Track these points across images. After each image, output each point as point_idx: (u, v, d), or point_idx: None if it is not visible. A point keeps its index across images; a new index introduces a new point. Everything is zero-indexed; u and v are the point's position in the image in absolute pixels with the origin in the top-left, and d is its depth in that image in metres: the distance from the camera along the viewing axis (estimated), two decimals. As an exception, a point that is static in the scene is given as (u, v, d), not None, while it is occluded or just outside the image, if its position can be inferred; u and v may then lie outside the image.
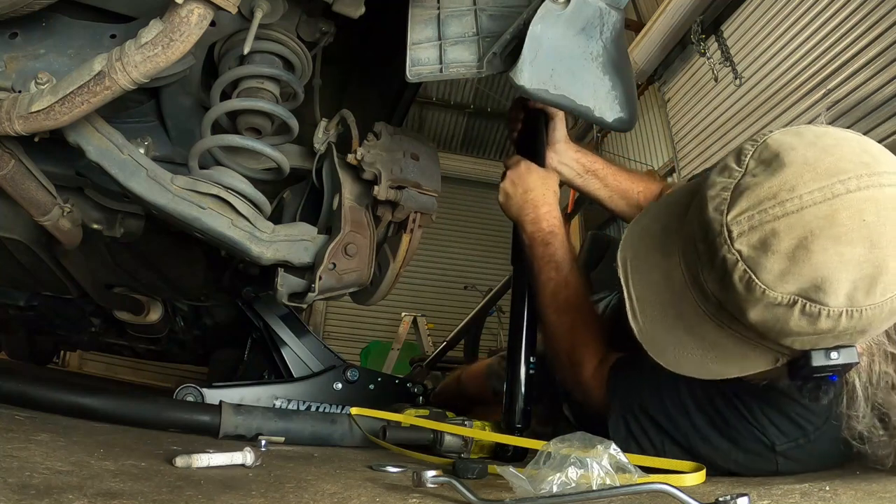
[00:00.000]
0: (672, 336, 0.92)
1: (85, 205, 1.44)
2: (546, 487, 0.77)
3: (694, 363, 0.91)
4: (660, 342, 0.93)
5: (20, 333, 3.17)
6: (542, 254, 1.36)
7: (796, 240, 0.77)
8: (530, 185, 1.42)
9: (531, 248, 1.39)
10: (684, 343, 0.91)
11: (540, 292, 1.35)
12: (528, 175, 1.44)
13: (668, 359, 0.93)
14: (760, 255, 0.79)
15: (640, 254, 0.98)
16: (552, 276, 1.34)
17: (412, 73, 1.12)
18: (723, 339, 0.88)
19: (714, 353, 0.89)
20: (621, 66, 1.11)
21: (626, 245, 1.00)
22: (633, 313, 0.94)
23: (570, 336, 1.29)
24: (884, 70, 3.68)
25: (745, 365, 0.88)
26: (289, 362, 1.90)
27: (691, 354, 0.90)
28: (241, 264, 1.96)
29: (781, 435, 1.01)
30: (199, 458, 0.91)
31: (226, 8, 0.88)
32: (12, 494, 0.62)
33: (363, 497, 0.81)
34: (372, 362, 5.78)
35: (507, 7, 1.14)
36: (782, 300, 0.78)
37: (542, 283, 1.35)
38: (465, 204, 8.33)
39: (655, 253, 0.97)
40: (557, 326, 1.32)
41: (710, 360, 0.90)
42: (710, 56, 5.38)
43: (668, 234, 0.97)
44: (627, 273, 0.97)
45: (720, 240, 0.82)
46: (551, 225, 1.39)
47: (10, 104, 0.95)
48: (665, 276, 0.94)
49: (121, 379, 5.08)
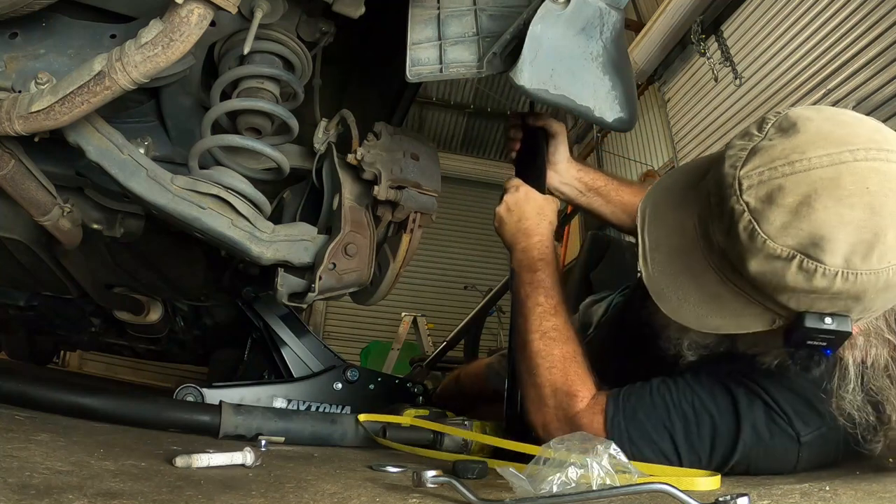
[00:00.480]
0: (676, 283, 0.95)
1: (85, 205, 1.44)
2: (546, 487, 0.77)
3: (693, 313, 0.94)
4: (664, 288, 0.96)
5: (20, 333, 3.17)
6: (530, 280, 1.29)
7: (800, 196, 0.81)
8: (526, 214, 1.38)
9: (518, 274, 1.33)
10: (687, 292, 0.94)
11: (525, 318, 1.25)
12: (526, 203, 1.40)
13: (671, 305, 0.96)
14: (766, 207, 0.83)
15: (660, 207, 1.03)
16: (540, 301, 1.25)
17: (412, 73, 1.12)
18: (723, 292, 0.92)
19: (713, 306, 0.93)
20: (621, 66, 1.11)
21: (647, 199, 1.04)
22: (644, 258, 0.98)
23: (561, 366, 1.18)
24: (884, 70, 3.68)
25: (741, 322, 0.91)
26: (289, 362, 1.90)
27: (692, 305, 0.94)
28: (241, 264, 1.96)
29: (805, 425, 1.01)
30: (199, 458, 0.91)
31: (226, 8, 0.88)
32: (12, 494, 0.62)
33: (363, 497, 0.81)
34: (372, 362, 5.78)
35: (507, 7, 1.14)
36: (781, 253, 0.82)
37: (528, 309, 1.25)
38: (465, 204, 8.33)
39: (674, 208, 1.01)
40: (544, 355, 1.19)
41: (709, 313, 0.93)
42: (710, 56, 5.38)
43: (687, 192, 1.01)
44: (644, 222, 1.01)
45: (730, 191, 0.87)
46: (542, 253, 1.33)
47: (10, 104, 0.95)
48: (679, 227, 0.98)
49: (121, 379, 5.08)
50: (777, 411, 1.01)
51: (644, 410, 1.07)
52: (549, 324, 1.22)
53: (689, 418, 1.04)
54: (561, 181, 1.53)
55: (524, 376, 1.22)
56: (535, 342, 1.21)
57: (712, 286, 0.92)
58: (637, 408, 1.08)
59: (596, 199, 1.56)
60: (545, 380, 1.17)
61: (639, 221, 1.02)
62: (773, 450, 1.02)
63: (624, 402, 1.09)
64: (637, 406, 1.08)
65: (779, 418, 1.01)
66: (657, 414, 1.06)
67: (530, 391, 1.20)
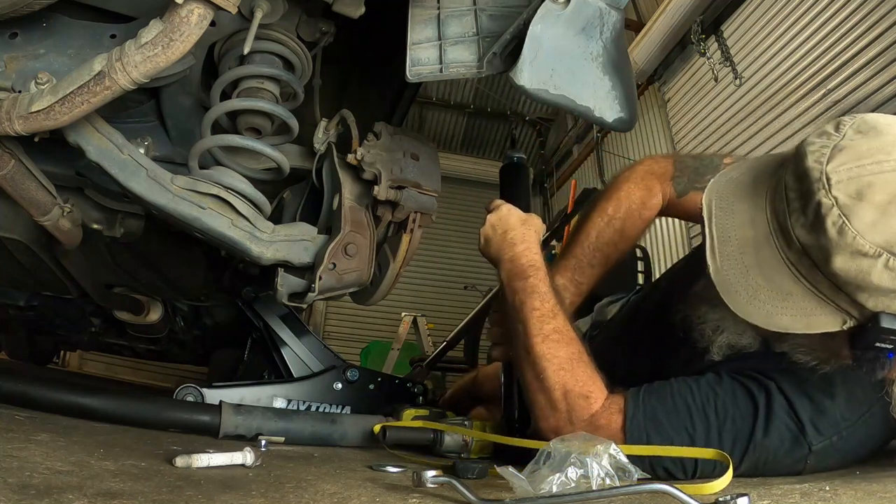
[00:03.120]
0: (747, 280, 0.93)
1: (85, 205, 1.44)
2: (546, 487, 0.77)
3: (762, 311, 0.91)
4: (733, 284, 0.94)
5: (20, 333, 3.17)
6: (523, 286, 1.23)
7: (890, 195, 0.82)
8: (510, 225, 1.34)
9: (509, 283, 1.26)
10: (758, 290, 0.92)
11: (524, 324, 1.19)
12: (509, 217, 1.36)
13: (739, 302, 0.93)
14: (855, 203, 0.83)
15: (726, 199, 1.00)
16: (535, 305, 1.20)
17: (412, 73, 1.12)
18: (795, 291, 0.90)
19: (785, 305, 0.90)
20: (621, 66, 1.11)
21: (711, 190, 1.02)
22: (711, 251, 0.96)
23: (569, 367, 1.13)
24: (884, 70, 3.68)
25: (811, 322, 0.89)
26: (289, 362, 1.90)
27: (761, 302, 0.91)
28: (241, 264, 1.96)
29: (818, 434, 1.01)
30: (199, 458, 0.91)
31: (226, 8, 0.88)
32: (12, 494, 0.62)
33: (363, 497, 0.81)
34: (372, 362, 5.78)
35: (507, 7, 1.14)
36: (869, 250, 0.82)
37: (525, 315, 1.19)
38: (465, 204, 8.32)
39: (742, 200, 0.99)
40: (550, 358, 1.14)
41: (780, 311, 0.90)
42: (710, 56, 5.38)
43: (757, 185, 0.99)
44: (711, 212, 0.99)
45: (818, 185, 0.85)
46: (531, 260, 1.27)
47: (10, 104, 0.95)
48: (749, 221, 0.96)
49: (121, 379, 5.08)
50: (794, 419, 1.01)
51: (665, 411, 1.06)
52: (549, 326, 1.17)
53: (710, 422, 1.04)
54: None
55: (531, 383, 1.16)
56: (537, 346, 1.16)
57: (785, 283, 0.90)
58: (657, 408, 1.07)
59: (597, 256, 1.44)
60: (554, 382, 1.12)
61: (705, 212, 0.99)
62: (782, 457, 1.02)
63: (644, 403, 1.08)
64: (657, 407, 1.07)
65: (794, 426, 1.01)
66: (678, 416, 1.05)
67: (539, 398, 1.14)
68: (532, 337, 1.17)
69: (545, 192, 8.50)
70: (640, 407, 1.07)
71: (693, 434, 1.04)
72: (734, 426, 1.03)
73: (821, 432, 1.01)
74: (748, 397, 1.04)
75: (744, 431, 1.02)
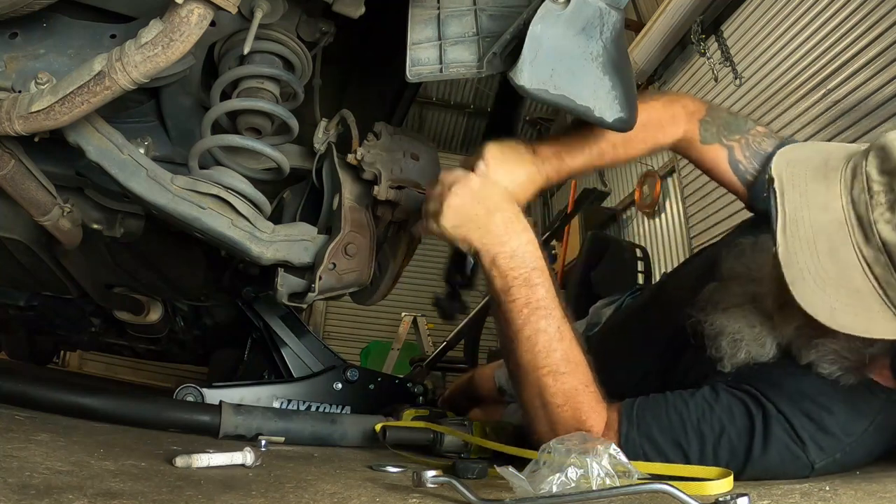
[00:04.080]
0: (817, 267, 0.87)
1: (85, 205, 1.44)
2: (546, 487, 0.77)
3: (827, 305, 0.85)
4: (802, 269, 0.87)
5: (20, 333, 3.17)
6: (527, 298, 1.04)
7: None
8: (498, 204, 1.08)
9: (506, 288, 1.06)
10: (826, 280, 0.86)
11: (528, 351, 1.05)
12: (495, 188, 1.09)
13: (805, 291, 0.86)
14: None
15: (798, 176, 0.93)
16: (541, 326, 1.04)
17: (412, 73, 1.12)
18: (864, 289, 0.85)
19: (850, 301, 0.85)
20: (621, 66, 1.11)
21: (780, 163, 0.95)
22: (782, 229, 0.89)
23: (573, 402, 1.04)
24: (884, 70, 3.68)
25: (872, 326, 0.85)
26: (289, 362, 1.90)
27: (828, 295, 0.86)
28: (241, 264, 1.96)
29: (820, 451, 0.98)
30: (199, 458, 0.91)
31: (226, 8, 0.88)
32: (12, 494, 0.61)
33: (363, 497, 0.81)
34: (372, 362, 5.78)
35: (507, 7, 1.14)
36: None
37: (527, 339, 1.04)
38: (465, 204, 8.31)
39: (816, 181, 0.92)
40: (553, 392, 1.03)
41: (843, 308, 0.85)
42: (710, 56, 5.38)
43: (829, 170, 0.92)
44: (783, 187, 0.92)
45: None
46: (534, 260, 1.06)
47: (10, 104, 0.95)
48: (824, 205, 0.89)
49: (121, 379, 5.08)
50: (794, 438, 0.98)
51: (659, 428, 1.03)
52: (557, 355, 1.03)
53: (705, 438, 1.01)
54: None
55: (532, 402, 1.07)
56: (541, 379, 1.04)
57: (856, 279, 0.85)
58: (651, 425, 1.04)
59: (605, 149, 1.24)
60: (557, 418, 1.04)
61: (777, 185, 0.92)
62: (782, 475, 1.00)
63: (638, 418, 1.05)
64: (652, 423, 1.04)
65: (795, 445, 0.98)
66: (672, 431, 1.02)
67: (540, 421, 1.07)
68: (537, 370, 1.04)
69: (545, 192, 8.48)
70: (634, 423, 1.04)
71: (688, 450, 1.01)
72: (730, 443, 1.00)
73: (823, 450, 0.98)
74: (745, 414, 1.00)
75: (740, 448, 0.99)
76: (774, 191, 0.92)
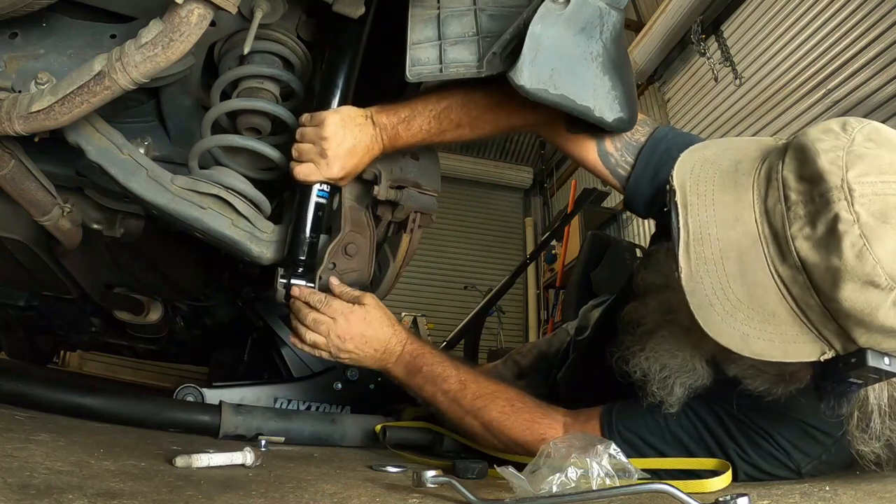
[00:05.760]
0: (725, 293, 0.78)
1: (85, 205, 1.44)
2: (546, 487, 0.77)
3: (738, 333, 0.78)
4: (708, 295, 0.78)
5: (20, 333, 3.17)
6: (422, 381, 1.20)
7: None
8: (371, 337, 1.20)
9: (407, 383, 1.23)
10: (737, 306, 0.77)
11: (447, 411, 1.19)
12: (363, 328, 1.20)
13: (712, 320, 0.78)
14: (879, 225, 0.70)
15: (704, 184, 0.83)
16: (443, 389, 1.18)
17: (412, 72, 1.12)
18: (780, 312, 0.77)
19: (764, 328, 0.77)
20: (621, 66, 1.11)
21: (683, 169, 0.85)
22: (685, 250, 0.79)
23: (510, 423, 1.12)
24: (884, 70, 3.68)
25: (789, 350, 0.77)
26: (289, 362, 1.90)
27: (739, 322, 0.77)
28: (241, 264, 1.96)
29: (805, 456, 0.98)
30: (199, 458, 0.91)
31: (226, 8, 0.88)
32: (12, 494, 0.61)
33: (363, 497, 0.81)
34: (372, 362, 5.77)
35: (507, 7, 1.14)
36: (883, 283, 0.70)
37: (441, 403, 1.19)
38: (465, 204, 8.31)
39: (724, 190, 0.82)
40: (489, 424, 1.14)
41: (758, 335, 0.77)
42: (710, 56, 5.37)
43: (740, 174, 0.83)
44: (686, 198, 0.82)
45: (838, 194, 0.71)
46: (412, 353, 1.22)
47: (10, 104, 0.95)
48: (733, 219, 0.80)
49: (121, 379, 5.08)
50: (775, 447, 0.97)
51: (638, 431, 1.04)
52: (468, 399, 1.16)
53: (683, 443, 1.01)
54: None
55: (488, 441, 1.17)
56: (473, 421, 1.16)
57: (770, 303, 0.77)
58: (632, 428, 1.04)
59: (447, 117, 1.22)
60: (510, 441, 1.13)
61: (679, 197, 0.82)
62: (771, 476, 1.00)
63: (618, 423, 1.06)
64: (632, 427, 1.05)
65: (778, 453, 0.97)
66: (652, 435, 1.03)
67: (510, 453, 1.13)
68: (463, 419, 1.18)
69: (545, 192, 8.49)
70: (614, 429, 1.05)
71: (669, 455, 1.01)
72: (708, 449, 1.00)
73: (807, 454, 0.98)
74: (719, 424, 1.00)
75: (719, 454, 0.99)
76: (676, 204, 0.82)
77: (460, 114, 1.20)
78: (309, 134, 1.19)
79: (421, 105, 1.22)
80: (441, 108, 1.21)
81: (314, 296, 1.21)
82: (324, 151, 1.17)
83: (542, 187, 8.51)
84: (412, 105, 1.22)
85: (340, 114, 1.19)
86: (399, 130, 1.21)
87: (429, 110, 1.21)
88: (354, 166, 1.22)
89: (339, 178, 1.21)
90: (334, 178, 1.20)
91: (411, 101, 1.24)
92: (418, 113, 1.21)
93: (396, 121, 1.21)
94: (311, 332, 1.20)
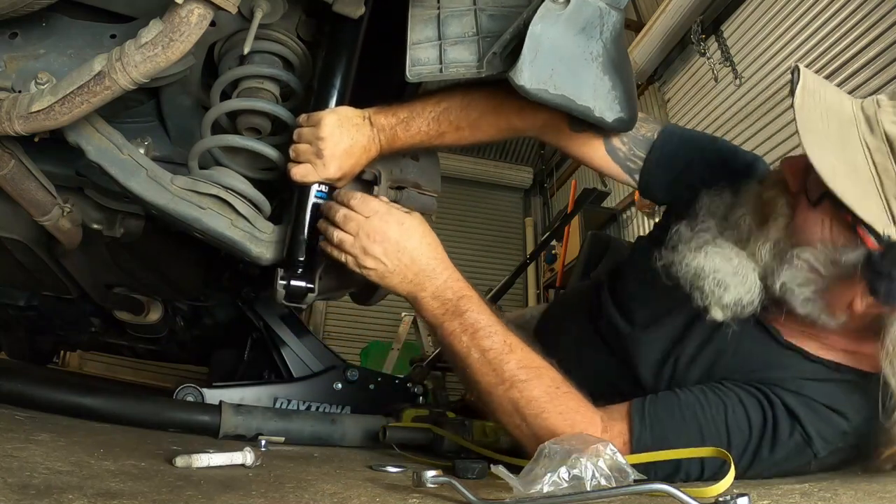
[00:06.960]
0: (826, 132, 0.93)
1: (85, 205, 1.44)
2: (545, 488, 0.77)
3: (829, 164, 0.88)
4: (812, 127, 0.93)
5: (20, 333, 3.17)
6: (462, 326, 1.06)
7: None
8: (410, 248, 1.09)
9: (440, 325, 1.08)
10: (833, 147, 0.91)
11: (481, 372, 1.04)
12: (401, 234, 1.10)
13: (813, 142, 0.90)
14: None
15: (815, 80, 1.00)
16: (486, 345, 1.03)
17: (412, 73, 1.12)
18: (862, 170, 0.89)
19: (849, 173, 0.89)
20: (621, 66, 1.11)
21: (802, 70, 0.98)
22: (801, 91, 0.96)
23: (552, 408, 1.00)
24: (884, 70, 3.68)
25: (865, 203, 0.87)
26: (289, 362, 1.90)
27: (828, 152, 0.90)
28: (241, 264, 1.96)
29: (825, 443, 1.00)
30: (199, 458, 0.91)
31: (226, 8, 0.88)
32: (12, 494, 0.61)
33: (363, 497, 0.81)
34: (372, 362, 5.77)
35: (507, 7, 1.14)
36: None
37: (475, 360, 1.03)
38: (465, 204, 8.31)
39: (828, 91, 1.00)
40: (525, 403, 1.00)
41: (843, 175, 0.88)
42: (710, 56, 5.37)
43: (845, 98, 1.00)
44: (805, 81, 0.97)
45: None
46: (458, 290, 1.09)
47: (10, 104, 0.95)
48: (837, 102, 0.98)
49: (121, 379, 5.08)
50: (802, 433, 0.99)
51: (674, 430, 1.01)
52: (511, 366, 1.02)
53: (721, 438, 1.00)
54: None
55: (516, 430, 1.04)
56: (506, 394, 1.02)
57: (858, 158, 0.90)
58: (666, 426, 1.01)
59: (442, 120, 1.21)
60: (541, 428, 0.99)
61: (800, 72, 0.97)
62: (785, 466, 1.02)
63: (651, 419, 1.02)
64: (666, 424, 1.02)
65: (801, 438, 0.99)
66: (688, 433, 1.00)
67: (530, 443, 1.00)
68: (497, 387, 1.02)
69: (545, 192, 8.48)
70: (646, 426, 1.02)
71: None
72: (745, 443, 1.00)
73: (828, 441, 1.00)
74: (758, 411, 1.00)
75: (751, 448, 1.00)
76: (798, 69, 0.97)
77: (460, 116, 1.20)
78: (305, 134, 1.18)
79: (420, 107, 1.22)
80: (440, 110, 1.21)
81: (351, 195, 1.11)
82: (320, 152, 1.16)
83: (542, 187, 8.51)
84: (411, 106, 1.22)
85: (337, 114, 1.18)
86: (397, 132, 1.21)
87: (428, 112, 1.21)
88: (352, 167, 1.21)
89: (337, 178, 1.20)
90: (331, 178, 1.19)
91: (410, 102, 1.23)
92: (417, 114, 1.21)
93: (395, 122, 1.21)
94: (339, 230, 1.10)
